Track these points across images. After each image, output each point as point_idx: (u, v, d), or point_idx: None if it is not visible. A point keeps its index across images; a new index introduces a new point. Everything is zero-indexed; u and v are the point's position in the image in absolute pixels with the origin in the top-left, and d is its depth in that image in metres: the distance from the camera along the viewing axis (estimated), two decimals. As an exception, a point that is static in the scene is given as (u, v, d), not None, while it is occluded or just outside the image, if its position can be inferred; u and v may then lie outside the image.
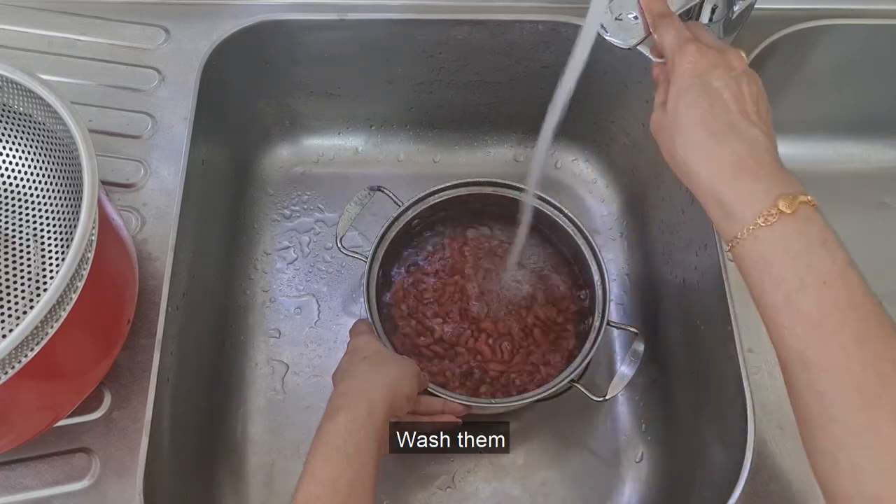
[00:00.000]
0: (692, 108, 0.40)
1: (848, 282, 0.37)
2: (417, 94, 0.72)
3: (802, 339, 0.35)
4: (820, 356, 0.35)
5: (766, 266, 0.37)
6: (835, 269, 0.37)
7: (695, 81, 0.40)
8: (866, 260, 0.71)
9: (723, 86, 0.40)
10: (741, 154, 0.39)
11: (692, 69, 0.41)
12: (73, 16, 0.62)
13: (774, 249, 0.37)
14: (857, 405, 0.33)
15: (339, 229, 0.61)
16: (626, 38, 0.46)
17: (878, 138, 0.77)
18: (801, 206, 0.37)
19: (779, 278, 0.37)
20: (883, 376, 0.33)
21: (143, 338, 0.49)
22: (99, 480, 0.45)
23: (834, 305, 0.36)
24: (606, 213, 0.74)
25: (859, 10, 0.65)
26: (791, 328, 0.36)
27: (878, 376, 0.33)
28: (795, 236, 0.37)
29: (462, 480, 0.61)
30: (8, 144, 0.47)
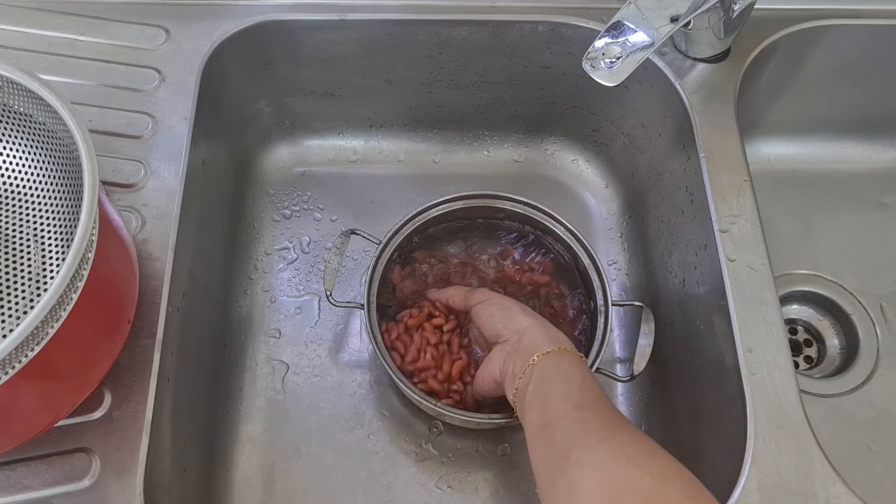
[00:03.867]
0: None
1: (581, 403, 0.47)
2: (417, 94, 0.72)
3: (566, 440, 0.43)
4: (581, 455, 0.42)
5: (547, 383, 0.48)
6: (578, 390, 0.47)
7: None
8: (865, 260, 0.72)
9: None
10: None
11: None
12: (72, 16, 0.62)
13: (555, 372, 0.48)
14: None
15: (326, 284, 0.60)
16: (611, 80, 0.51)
17: (878, 138, 0.77)
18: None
19: (562, 393, 0.46)
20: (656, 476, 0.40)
21: (144, 338, 0.49)
22: (99, 480, 0.45)
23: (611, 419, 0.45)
24: (606, 213, 0.74)
25: (859, 11, 0.65)
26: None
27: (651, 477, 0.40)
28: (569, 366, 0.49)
29: (462, 480, 0.61)
30: (8, 144, 0.47)
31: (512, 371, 0.50)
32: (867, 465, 0.62)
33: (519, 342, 0.51)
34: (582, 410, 0.43)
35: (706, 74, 0.62)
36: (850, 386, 0.66)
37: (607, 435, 0.41)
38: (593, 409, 0.44)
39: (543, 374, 0.47)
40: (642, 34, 0.51)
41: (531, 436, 0.45)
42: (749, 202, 0.57)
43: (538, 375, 0.47)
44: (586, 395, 0.45)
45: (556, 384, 0.46)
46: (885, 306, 0.70)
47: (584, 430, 0.42)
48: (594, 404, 0.44)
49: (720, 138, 0.59)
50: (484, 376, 0.53)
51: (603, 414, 0.43)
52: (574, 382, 0.46)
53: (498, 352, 0.52)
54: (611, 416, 0.43)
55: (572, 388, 0.45)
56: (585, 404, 0.44)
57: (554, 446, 0.42)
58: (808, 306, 0.71)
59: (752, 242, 0.55)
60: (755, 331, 0.52)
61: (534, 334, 0.50)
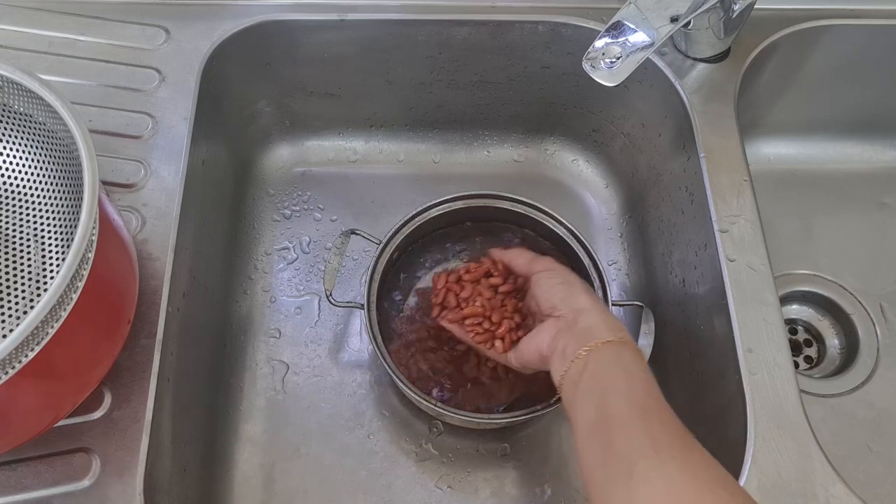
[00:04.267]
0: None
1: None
2: (417, 94, 0.72)
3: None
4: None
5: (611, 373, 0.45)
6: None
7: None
8: (865, 260, 0.72)
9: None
10: None
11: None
12: (73, 16, 0.62)
13: (619, 363, 0.45)
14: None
15: (326, 284, 0.60)
16: (611, 80, 0.51)
17: (878, 138, 0.77)
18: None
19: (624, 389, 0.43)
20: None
21: (144, 338, 0.49)
22: (99, 480, 0.45)
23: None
24: (606, 213, 0.74)
25: (859, 11, 0.65)
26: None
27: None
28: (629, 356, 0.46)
29: (462, 480, 0.61)
30: (8, 144, 0.47)
31: (563, 350, 0.46)
32: (867, 464, 0.62)
33: (574, 321, 0.47)
34: (647, 418, 0.40)
35: (706, 74, 0.62)
36: (850, 386, 0.66)
37: (677, 453, 0.38)
38: (660, 417, 0.40)
39: (602, 365, 0.44)
40: (642, 34, 0.51)
41: (584, 431, 0.42)
42: (749, 202, 0.57)
43: (595, 365, 0.44)
44: (651, 401, 0.41)
45: (616, 380, 0.43)
46: (885, 306, 0.70)
47: (650, 442, 0.38)
48: (660, 412, 0.41)
49: (720, 138, 0.59)
50: (530, 346, 0.50)
51: (671, 426, 0.40)
52: (637, 382, 0.43)
53: (550, 325, 0.49)
54: (679, 431, 0.40)
55: (636, 388, 0.42)
56: (651, 411, 0.41)
57: (614, 454, 0.39)
58: (808, 306, 0.71)
59: (752, 242, 0.55)
60: (755, 331, 0.52)
61: (592, 318, 0.47)
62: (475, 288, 0.56)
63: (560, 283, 0.51)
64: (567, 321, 0.48)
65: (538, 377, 0.58)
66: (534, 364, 0.50)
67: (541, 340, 0.49)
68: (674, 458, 0.38)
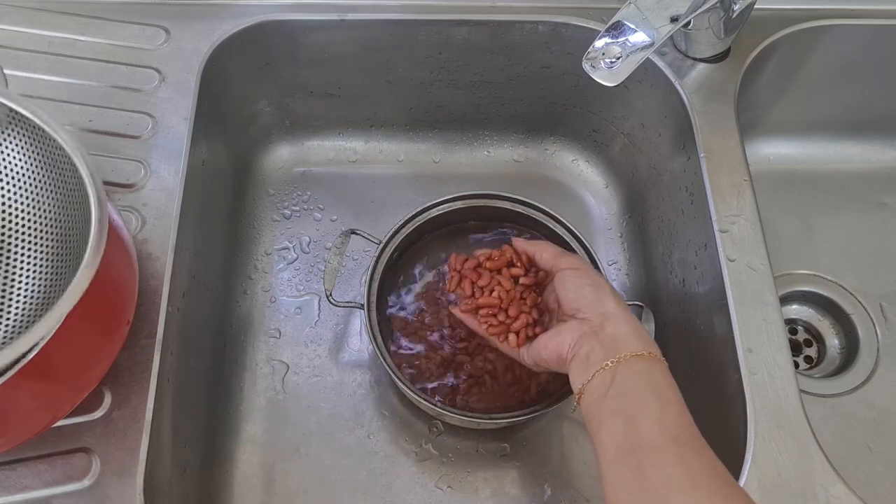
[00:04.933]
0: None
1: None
2: (417, 94, 0.72)
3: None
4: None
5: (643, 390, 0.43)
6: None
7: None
8: (866, 260, 0.72)
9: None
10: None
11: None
12: (72, 16, 0.62)
13: (654, 379, 0.43)
14: None
15: (326, 284, 0.60)
16: (611, 80, 0.51)
17: (878, 138, 0.77)
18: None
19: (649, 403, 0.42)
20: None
21: (144, 338, 0.49)
22: (99, 480, 0.45)
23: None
24: (606, 213, 0.74)
25: (859, 10, 0.65)
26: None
27: None
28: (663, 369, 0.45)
29: (462, 480, 0.61)
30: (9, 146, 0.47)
31: (586, 356, 0.44)
32: (867, 464, 0.62)
33: (601, 327, 0.45)
34: (682, 448, 0.38)
35: (706, 74, 0.62)
36: (850, 386, 0.66)
37: (715, 490, 0.36)
38: (694, 448, 0.39)
39: (631, 381, 0.42)
40: (642, 34, 0.51)
41: (611, 453, 0.40)
42: (749, 202, 0.57)
43: (623, 379, 0.42)
44: (686, 428, 0.40)
45: (647, 400, 0.41)
46: (885, 306, 0.70)
47: (687, 477, 0.37)
48: (694, 442, 0.39)
49: (720, 138, 0.59)
50: (549, 346, 0.48)
51: (706, 458, 0.38)
52: (671, 405, 0.41)
53: (574, 327, 0.46)
54: (714, 463, 0.38)
55: (669, 413, 0.40)
56: (685, 440, 0.39)
57: (646, 484, 0.37)
58: (808, 306, 0.71)
59: (752, 242, 0.55)
60: (755, 331, 0.52)
61: (621, 326, 0.45)
62: (494, 278, 0.54)
63: (589, 284, 0.48)
64: (592, 325, 0.45)
65: (538, 378, 0.58)
66: (549, 364, 0.48)
67: (562, 342, 0.47)
68: (712, 496, 0.36)
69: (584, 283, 0.48)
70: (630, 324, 0.45)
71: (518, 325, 0.52)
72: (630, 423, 0.40)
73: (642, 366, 0.42)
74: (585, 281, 0.48)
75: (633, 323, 0.45)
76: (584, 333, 0.45)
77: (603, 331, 0.45)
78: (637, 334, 0.44)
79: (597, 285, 0.48)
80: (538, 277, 0.54)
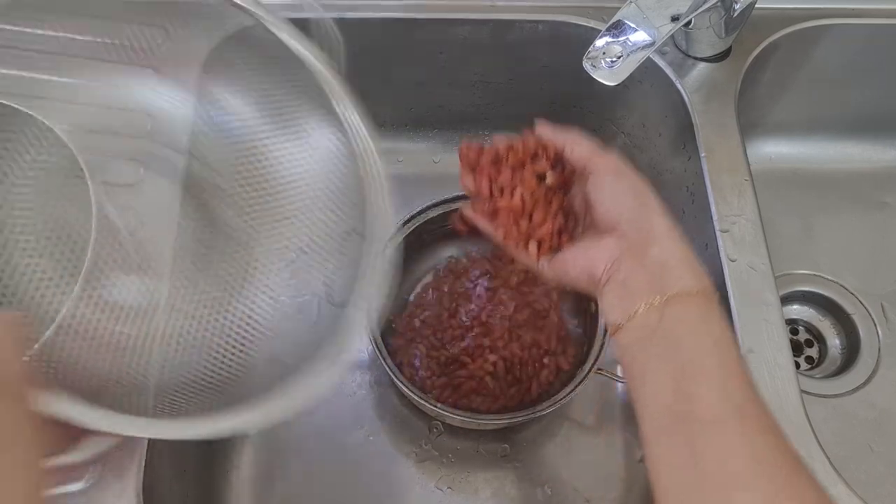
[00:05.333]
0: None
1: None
2: (417, 93, 0.72)
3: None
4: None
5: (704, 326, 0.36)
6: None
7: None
8: (867, 260, 0.72)
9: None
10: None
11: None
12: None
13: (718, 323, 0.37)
14: None
15: None
16: (611, 79, 0.51)
17: (878, 138, 0.77)
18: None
19: (715, 340, 0.36)
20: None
21: (143, 338, 0.49)
22: (98, 481, 0.45)
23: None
24: (607, 212, 0.74)
25: (860, 10, 0.65)
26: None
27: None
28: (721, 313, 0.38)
29: (462, 480, 0.61)
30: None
31: (624, 282, 0.37)
32: (868, 465, 0.62)
33: (644, 249, 0.37)
34: (746, 424, 0.32)
35: (707, 74, 0.62)
36: (851, 386, 0.66)
37: (786, 482, 0.31)
38: (761, 424, 0.33)
39: (686, 328, 0.35)
40: (643, 33, 0.51)
41: (657, 419, 0.34)
42: (750, 202, 0.56)
43: (674, 325, 0.35)
44: (749, 395, 0.33)
45: (706, 358, 0.34)
46: (887, 306, 0.69)
47: (753, 459, 0.31)
48: (761, 416, 0.33)
49: (721, 138, 0.59)
50: (578, 262, 0.40)
51: (774, 439, 0.33)
52: (732, 366, 0.34)
53: (611, 244, 0.39)
54: (785, 447, 0.33)
55: (732, 377, 0.33)
56: (750, 412, 0.33)
57: (702, 468, 0.32)
58: (809, 306, 0.71)
59: (753, 242, 0.55)
60: (756, 331, 0.52)
61: (669, 251, 0.37)
62: (516, 174, 0.44)
63: (629, 190, 0.40)
64: (634, 245, 0.38)
65: (539, 379, 0.58)
66: (578, 283, 0.41)
67: (595, 257, 0.39)
68: (780, 490, 0.31)
69: (624, 190, 0.40)
70: (681, 249, 0.37)
71: (542, 232, 0.43)
72: (682, 383, 0.33)
73: (698, 311, 0.35)
74: (625, 186, 0.40)
75: (684, 248, 0.38)
76: (624, 253, 0.38)
77: (647, 254, 0.37)
78: (689, 264, 0.37)
79: (639, 195, 0.40)
80: (566, 175, 0.45)
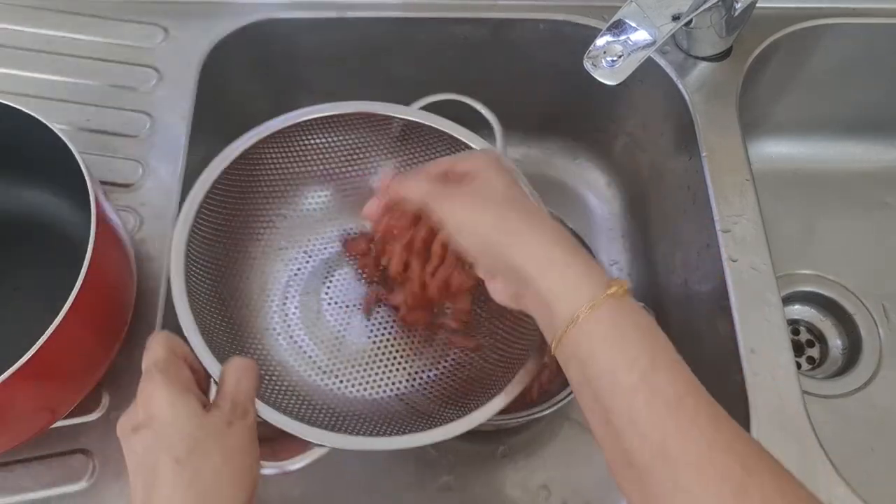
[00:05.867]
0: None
1: (684, 363, 0.35)
2: (417, 93, 0.71)
3: (659, 426, 0.32)
4: (683, 447, 0.31)
5: (619, 342, 0.33)
6: (673, 348, 0.35)
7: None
8: (868, 260, 0.72)
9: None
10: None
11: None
12: (71, 14, 0.62)
13: (626, 323, 0.34)
14: (727, 499, 0.30)
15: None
16: (612, 79, 0.50)
17: (879, 138, 0.77)
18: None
19: (633, 356, 0.33)
20: (743, 462, 0.31)
21: (142, 338, 0.48)
22: (97, 482, 0.45)
23: (686, 384, 0.33)
24: (608, 212, 0.74)
25: (860, 10, 0.65)
26: (648, 414, 0.32)
27: (739, 462, 0.31)
28: (638, 311, 0.35)
29: (462, 481, 0.61)
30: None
31: (534, 313, 0.36)
32: (870, 465, 0.62)
33: (524, 292, 0.36)
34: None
35: (708, 73, 0.62)
36: (852, 387, 0.66)
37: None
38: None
39: (595, 347, 0.34)
40: (644, 32, 0.51)
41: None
42: (751, 202, 0.56)
43: (586, 350, 0.34)
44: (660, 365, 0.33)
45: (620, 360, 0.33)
46: (888, 306, 0.69)
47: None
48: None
49: (722, 137, 0.59)
50: (496, 299, 0.39)
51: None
52: (646, 357, 0.33)
53: (499, 290, 0.38)
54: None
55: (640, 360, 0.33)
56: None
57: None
58: (811, 307, 0.71)
59: (755, 242, 0.55)
60: (757, 331, 0.51)
61: (543, 281, 0.34)
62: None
63: (478, 224, 0.36)
64: (516, 290, 0.37)
65: (540, 380, 0.58)
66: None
67: (502, 300, 0.39)
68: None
69: (475, 227, 0.37)
70: (552, 272, 0.34)
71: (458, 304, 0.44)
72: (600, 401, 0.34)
73: (599, 328, 0.33)
74: (474, 239, 0.37)
75: (557, 269, 0.34)
76: (515, 295, 0.37)
77: (528, 296, 0.36)
78: (564, 280, 0.34)
79: (493, 227, 0.36)
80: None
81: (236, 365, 0.37)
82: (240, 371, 0.37)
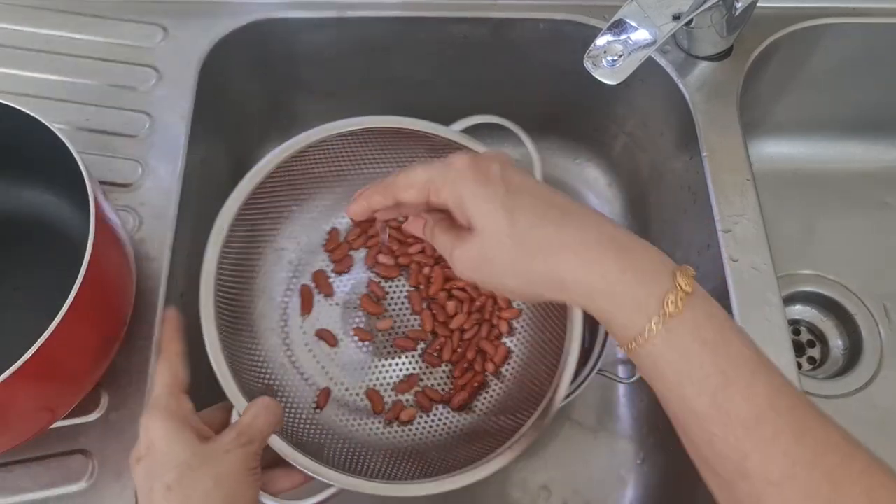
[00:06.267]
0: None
1: (769, 365, 0.32)
2: (417, 92, 0.71)
3: (737, 448, 0.30)
4: (763, 467, 0.30)
5: (683, 364, 0.31)
6: (755, 352, 0.32)
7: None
8: (868, 260, 0.71)
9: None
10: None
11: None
12: (70, 14, 0.62)
13: (687, 342, 0.31)
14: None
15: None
16: (613, 78, 0.51)
17: (879, 138, 0.77)
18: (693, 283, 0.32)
19: (700, 377, 0.31)
20: (831, 476, 0.30)
21: (141, 339, 0.49)
22: (97, 482, 0.45)
23: (765, 400, 0.31)
24: (608, 212, 0.74)
25: (860, 9, 0.65)
26: (724, 436, 0.30)
27: (826, 478, 0.30)
28: (706, 321, 0.31)
29: (462, 482, 0.60)
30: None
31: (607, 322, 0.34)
32: (870, 466, 0.62)
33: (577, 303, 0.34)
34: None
35: (708, 73, 0.62)
36: (853, 387, 0.66)
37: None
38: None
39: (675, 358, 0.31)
40: (644, 32, 0.51)
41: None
42: (752, 202, 0.56)
43: (664, 361, 0.32)
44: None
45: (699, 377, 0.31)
46: (889, 306, 0.69)
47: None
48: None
49: (723, 137, 0.59)
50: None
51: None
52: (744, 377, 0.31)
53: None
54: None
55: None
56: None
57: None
58: (812, 307, 0.71)
59: (755, 242, 0.55)
60: (758, 331, 0.51)
61: (599, 306, 0.32)
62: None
63: (506, 282, 0.35)
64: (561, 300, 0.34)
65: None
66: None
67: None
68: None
69: (472, 265, 0.35)
70: (600, 300, 0.32)
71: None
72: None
73: (661, 351, 0.31)
74: (463, 258, 0.35)
75: (603, 293, 0.32)
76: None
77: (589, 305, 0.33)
78: (614, 304, 0.32)
79: (513, 288, 0.35)
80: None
81: (259, 402, 0.41)
82: (260, 408, 0.41)
